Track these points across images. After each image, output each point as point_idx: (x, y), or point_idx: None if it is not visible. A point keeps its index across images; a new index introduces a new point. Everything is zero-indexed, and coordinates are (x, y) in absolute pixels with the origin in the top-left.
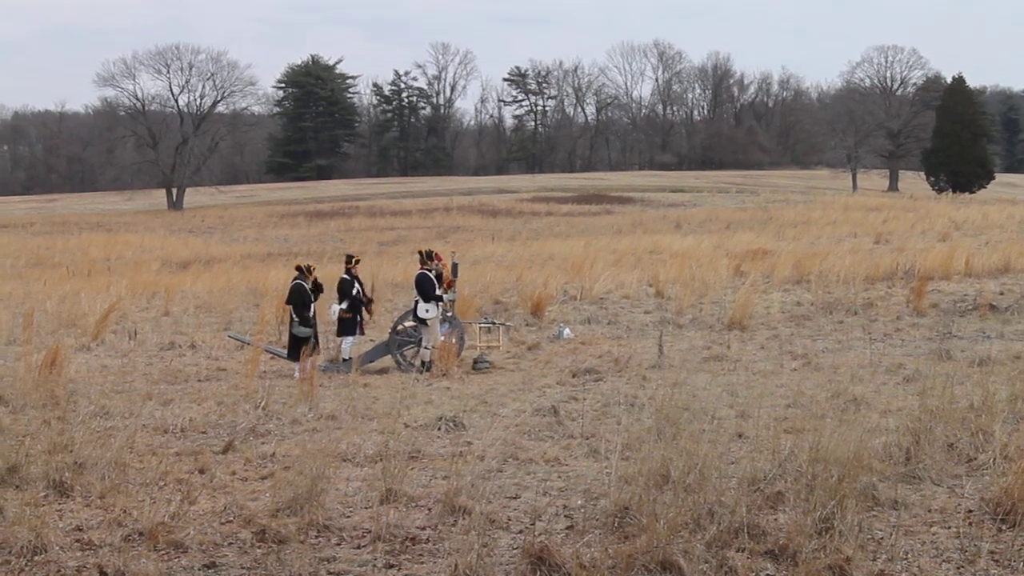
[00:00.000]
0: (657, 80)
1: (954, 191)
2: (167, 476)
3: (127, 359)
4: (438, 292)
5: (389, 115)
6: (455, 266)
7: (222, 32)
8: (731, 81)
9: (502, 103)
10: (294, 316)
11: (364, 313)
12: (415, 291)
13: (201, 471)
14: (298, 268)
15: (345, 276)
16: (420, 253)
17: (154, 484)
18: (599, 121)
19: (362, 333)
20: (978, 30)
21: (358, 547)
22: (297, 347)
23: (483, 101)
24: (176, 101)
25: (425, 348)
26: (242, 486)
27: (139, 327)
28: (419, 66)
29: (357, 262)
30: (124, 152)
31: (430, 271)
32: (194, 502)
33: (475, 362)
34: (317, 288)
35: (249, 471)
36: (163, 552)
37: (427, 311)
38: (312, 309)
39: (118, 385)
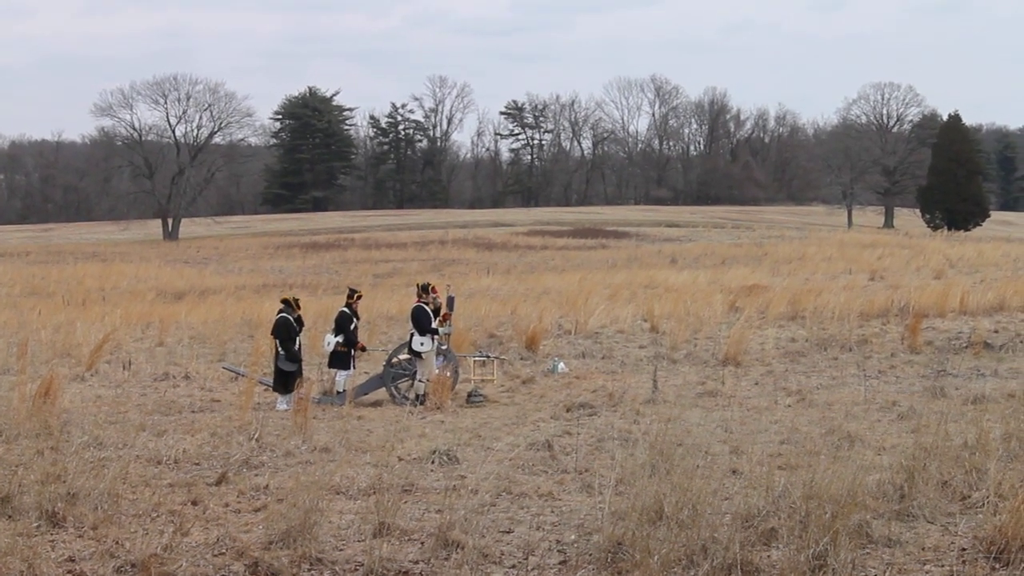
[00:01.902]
0: (654, 115)
1: (949, 228)
2: (160, 507)
3: (121, 389)
4: (433, 325)
5: (385, 147)
6: (450, 299)
7: (220, 63)
8: (727, 117)
9: (499, 136)
10: (280, 349)
11: (357, 350)
12: (410, 324)
13: (194, 503)
14: (284, 301)
15: (345, 310)
16: (417, 286)
17: (147, 515)
18: (595, 155)
19: (354, 367)
20: (974, 68)
21: None
22: (282, 380)
23: (479, 134)
24: (173, 131)
25: (420, 381)
26: (235, 518)
27: (133, 357)
28: (416, 99)
29: (359, 297)
30: (120, 182)
31: (427, 304)
32: (187, 534)
33: (469, 396)
34: (299, 323)
35: (242, 503)
36: None
37: (422, 344)
38: (297, 343)
39: (112, 415)
